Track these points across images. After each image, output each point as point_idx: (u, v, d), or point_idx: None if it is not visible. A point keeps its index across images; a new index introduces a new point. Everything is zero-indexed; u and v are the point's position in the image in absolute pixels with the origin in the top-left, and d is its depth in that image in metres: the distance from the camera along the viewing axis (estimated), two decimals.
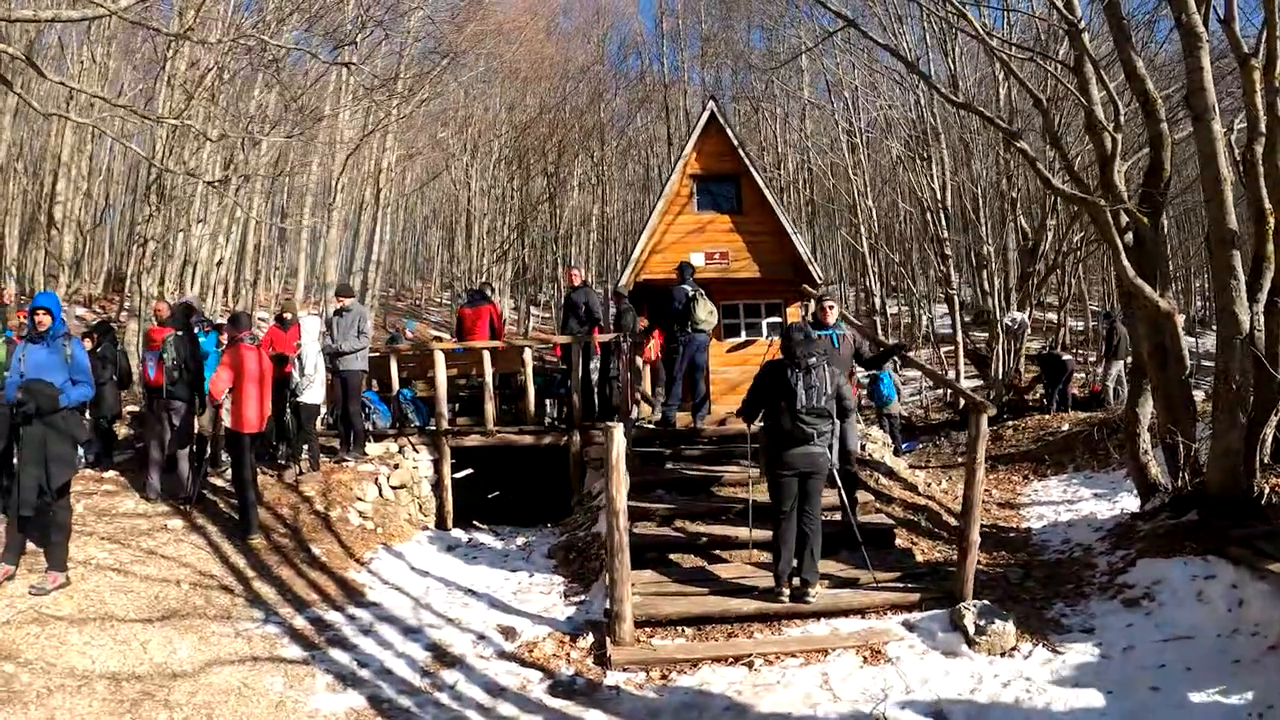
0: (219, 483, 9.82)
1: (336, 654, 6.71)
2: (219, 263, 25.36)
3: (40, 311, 7.00)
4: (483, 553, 9.79)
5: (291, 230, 29.50)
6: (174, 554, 7.97)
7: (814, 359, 6.71)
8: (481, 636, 7.07)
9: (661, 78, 40.02)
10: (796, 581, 6.88)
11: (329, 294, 23.03)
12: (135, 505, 8.92)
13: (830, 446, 6.85)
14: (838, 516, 7.88)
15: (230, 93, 19.82)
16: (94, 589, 6.99)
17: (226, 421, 8.73)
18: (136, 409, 11.47)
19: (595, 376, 11.86)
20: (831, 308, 8.49)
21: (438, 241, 48.27)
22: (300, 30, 19.75)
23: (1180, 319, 8.19)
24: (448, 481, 11.19)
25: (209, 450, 9.96)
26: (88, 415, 7.34)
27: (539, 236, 39.15)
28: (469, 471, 11.55)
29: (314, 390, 10.29)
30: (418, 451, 11.30)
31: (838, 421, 6.96)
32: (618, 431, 6.49)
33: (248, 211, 23.55)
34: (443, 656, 6.71)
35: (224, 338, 9.72)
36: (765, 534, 7.65)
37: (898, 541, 8.38)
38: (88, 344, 9.63)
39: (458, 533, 10.64)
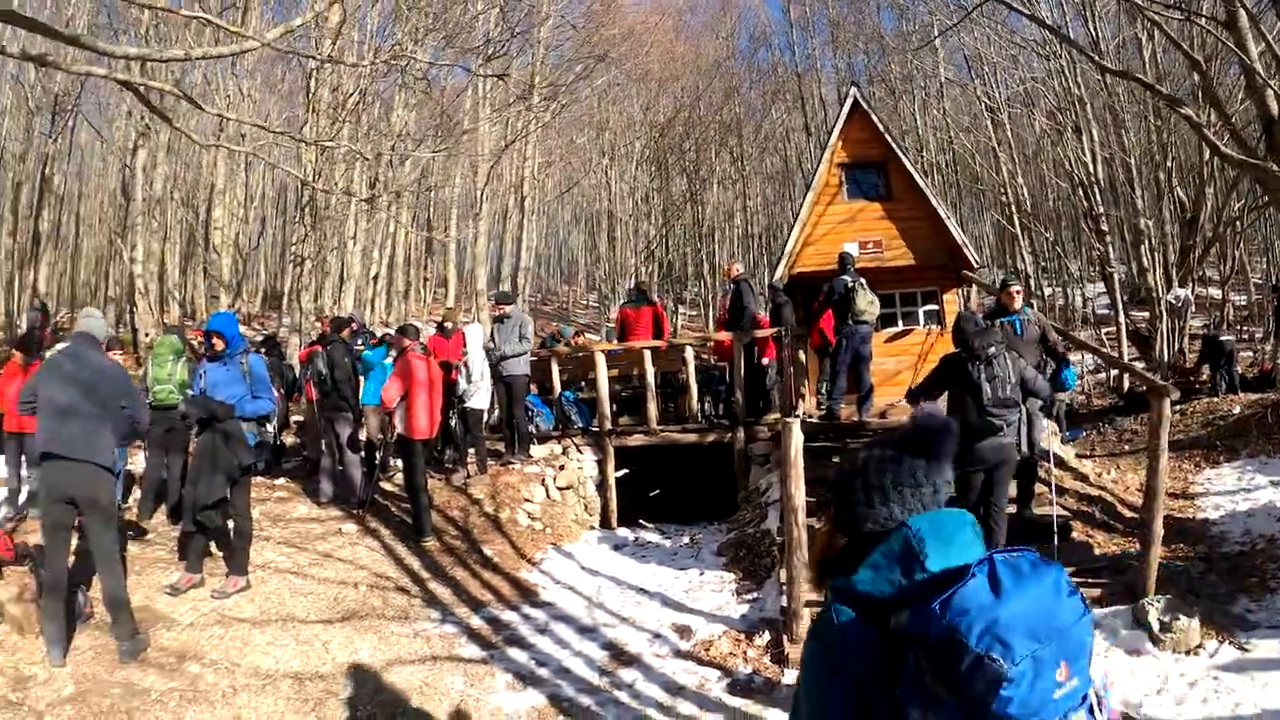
0: (388, 487, 10.08)
1: (514, 653, 6.76)
2: (374, 277, 26.23)
3: (214, 335, 7.18)
4: (650, 551, 9.77)
5: (439, 242, 30.32)
6: (349, 557, 8.18)
7: (993, 349, 6.33)
8: (656, 635, 7.02)
9: (793, 67, 39.22)
10: None
11: (479, 301, 23.63)
12: (308, 510, 9.24)
13: (1019, 434, 6.47)
14: (1012, 509, 7.47)
15: (372, 114, 20.41)
16: (274, 591, 7.21)
17: (398, 428, 8.93)
18: (301, 419, 11.88)
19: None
20: (1018, 292, 8.04)
21: (581, 245, 48.93)
22: (438, 48, 20.19)
23: None
24: (612, 481, 11.25)
25: (379, 456, 10.23)
26: (268, 426, 7.53)
27: (683, 235, 39.10)
28: (625, 471, 11.54)
29: (480, 396, 10.50)
30: (581, 452, 11.40)
31: (1023, 407, 6.57)
32: (796, 427, 6.30)
33: (399, 225, 24.29)
34: (619, 655, 6.68)
35: (392, 348, 9.95)
36: None
37: (1074, 534, 7.91)
38: None
39: (624, 532, 10.66)
